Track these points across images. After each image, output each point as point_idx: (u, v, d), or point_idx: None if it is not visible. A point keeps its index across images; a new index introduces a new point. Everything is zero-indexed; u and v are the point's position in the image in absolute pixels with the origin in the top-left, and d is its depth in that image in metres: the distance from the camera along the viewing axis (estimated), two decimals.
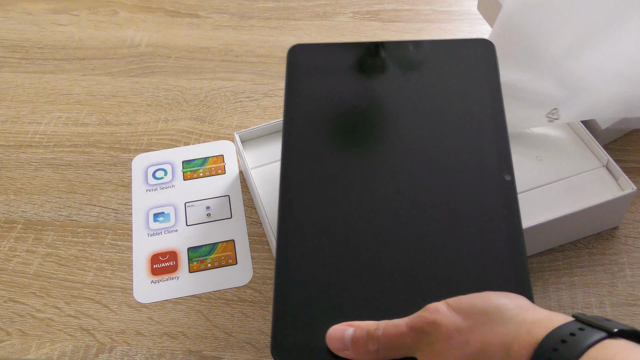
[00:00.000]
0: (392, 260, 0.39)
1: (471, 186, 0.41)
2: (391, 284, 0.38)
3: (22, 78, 0.70)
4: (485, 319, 0.33)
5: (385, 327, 0.35)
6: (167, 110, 0.66)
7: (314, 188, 0.42)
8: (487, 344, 0.32)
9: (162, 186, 0.60)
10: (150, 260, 0.55)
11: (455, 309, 0.34)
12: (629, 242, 0.53)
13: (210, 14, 0.77)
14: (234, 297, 0.52)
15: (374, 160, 0.44)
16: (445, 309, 0.34)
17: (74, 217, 0.58)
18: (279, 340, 0.37)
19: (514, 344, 0.31)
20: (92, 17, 0.77)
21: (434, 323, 0.33)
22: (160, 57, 0.72)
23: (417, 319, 0.34)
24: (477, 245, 0.39)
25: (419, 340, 0.34)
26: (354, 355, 0.35)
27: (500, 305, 0.33)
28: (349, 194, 0.42)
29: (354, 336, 0.35)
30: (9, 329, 0.51)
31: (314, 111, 0.46)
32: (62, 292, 0.53)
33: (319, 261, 0.39)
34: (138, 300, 0.52)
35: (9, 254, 0.55)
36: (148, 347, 0.49)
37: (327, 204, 0.42)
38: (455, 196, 0.41)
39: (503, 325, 0.32)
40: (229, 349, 0.49)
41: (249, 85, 0.68)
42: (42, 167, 0.62)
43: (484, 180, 0.41)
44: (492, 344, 0.32)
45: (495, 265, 0.38)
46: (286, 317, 0.37)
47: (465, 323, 0.33)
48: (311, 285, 0.38)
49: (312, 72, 0.48)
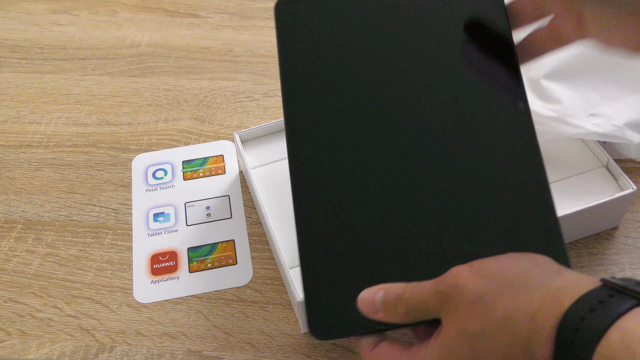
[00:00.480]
0: (415, 218, 0.38)
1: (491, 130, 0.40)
2: (416, 242, 0.37)
3: (22, 78, 0.70)
4: (509, 284, 0.32)
5: (412, 289, 0.35)
6: (167, 110, 0.66)
7: (326, 148, 0.41)
8: (512, 311, 0.31)
9: (162, 186, 0.60)
10: (150, 260, 0.55)
11: (478, 272, 0.33)
12: (629, 242, 0.53)
13: (210, 14, 0.77)
14: (234, 297, 0.52)
15: (385, 110, 0.41)
16: (468, 273, 0.33)
17: (74, 217, 0.58)
18: (316, 319, 0.36)
19: (539, 312, 0.30)
20: (92, 17, 0.77)
21: (456, 287, 0.33)
22: (160, 57, 0.72)
23: (441, 283, 0.33)
24: (504, 198, 0.38)
25: (443, 304, 0.33)
26: (385, 317, 0.35)
27: (525, 270, 0.33)
28: (363, 151, 0.40)
29: (384, 299, 0.35)
30: (9, 329, 0.51)
31: (314, 64, 0.44)
32: (62, 292, 0.53)
33: (340, 227, 0.38)
34: (138, 300, 0.52)
35: (9, 254, 0.55)
36: (148, 347, 0.49)
37: (341, 163, 0.40)
38: (475, 143, 0.40)
39: (528, 291, 0.31)
40: (229, 349, 0.49)
41: (249, 85, 0.68)
42: (42, 167, 0.62)
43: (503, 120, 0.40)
44: (516, 311, 0.31)
45: (524, 215, 0.37)
46: (318, 293, 0.37)
47: (489, 288, 0.32)
48: (337, 255, 0.38)
49: (306, 25, 0.45)
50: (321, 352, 0.48)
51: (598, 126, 0.52)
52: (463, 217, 0.38)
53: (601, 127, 0.52)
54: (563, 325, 0.29)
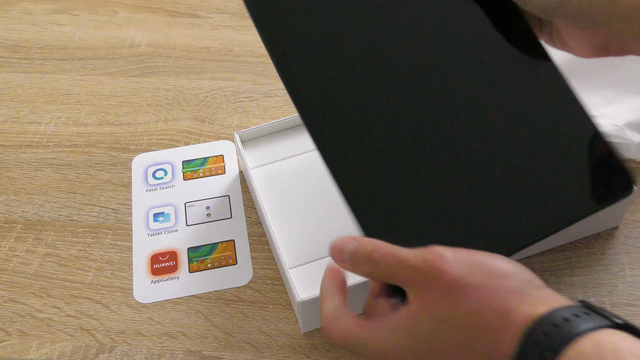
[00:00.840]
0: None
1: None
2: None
3: (22, 78, 0.70)
4: (489, 281, 0.32)
5: (385, 253, 0.34)
6: (167, 110, 0.66)
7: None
8: (485, 306, 0.31)
9: (162, 186, 0.60)
10: (150, 260, 0.55)
11: (463, 261, 0.33)
12: (629, 242, 0.53)
13: (210, 14, 0.77)
14: (234, 297, 0.52)
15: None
16: (452, 259, 0.33)
17: (74, 217, 0.58)
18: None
19: (512, 312, 0.31)
20: (92, 17, 0.77)
21: (437, 269, 0.32)
22: (160, 57, 0.72)
23: (421, 260, 0.33)
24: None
25: (415, 280, 0.33)
26: (349, 268, 0.36)
27: (508, 274, 0.33)
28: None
29: (353, 251, 0.35)
30: (9, 329, 0.51)
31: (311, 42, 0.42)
32: (62, 292, 0.53)
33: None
34: (138, 300, 0.52)
35: (9, 254, 0.55)
36: (148, 347, 0.49)
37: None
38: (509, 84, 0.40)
39: (505, 292, 0.32)
40: (229, 349, 0.49)
41: (249, 85, 0.68)
42: (42, 167, 0.62)
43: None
44: (489, 307, 0.31)
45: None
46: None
47: (469, 279, 0.32)
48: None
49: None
50: (321, 352, 0.48)
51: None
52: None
53: (601, 127, 0.52)
54: (534, 329, 0.30)
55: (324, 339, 0.49)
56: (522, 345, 0.30)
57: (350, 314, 0.36)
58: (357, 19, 0.41)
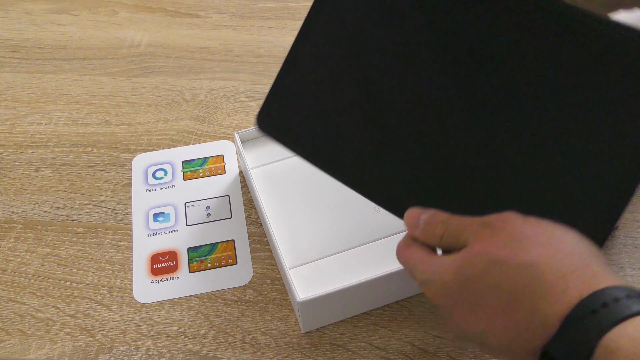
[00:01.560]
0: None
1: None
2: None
3: (22, 78, 0.70)
4: (553, 243, 0.33)
5: (458, 217, 0.37)
6: (167, 110, 0.66)
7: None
8: (543, 262, 0.32)
9: (162, 186, 0.60)
10: (150, 260, 0.55)
11: (531, 222, 0.34)
12: (629, 242, 0.53)
13: (210, 14, 0.77)
14: (234, 297, 0.52)
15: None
16: (521, 219, 0.34)
17: (74, 217, 0.58)
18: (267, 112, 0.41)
19: (572, 275, 0.31)
20: (92, 17, 0.77)
21: (503, 220, 0.34)
22: (160, 57, 0.72)
23: (491, 216, 0.35)
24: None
25: (480, 231, 0.35)
26: (422, 235, 0.38)
27: (579, 242, 0.33)
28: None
29: (428, 219, 0.38)
30: (9, 329, 0.51)
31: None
32: (62, 292, 0.53)
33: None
34: (138, 300, 0.52)
35: (9, 254, 0.55)
36: (148, 347, 0.49)
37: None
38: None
39: (569, 256, 0.32)
40: (229, 349, 0.49)
41: (249, 85, 0.68)
42: (42, 167, 0.62)
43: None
44: (548, 265, 0.32)
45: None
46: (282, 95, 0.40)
47: (532, 236, 0.33)
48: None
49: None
50: (321, 352, 0.48)
51: None
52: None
53: None
54: (594, 295, 0.30)
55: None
56: (572, 315, 0.30)
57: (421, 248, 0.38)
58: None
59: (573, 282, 0.31)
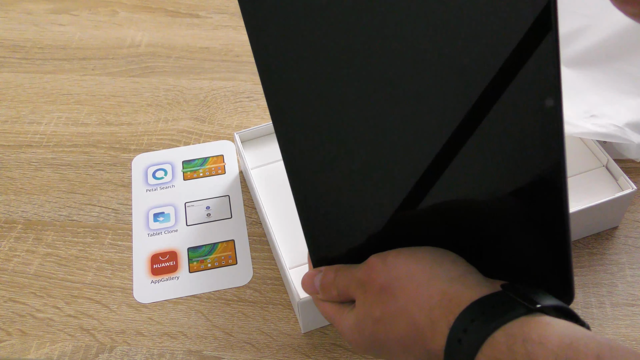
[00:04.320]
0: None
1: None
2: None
3: (22, 78, 0.70)
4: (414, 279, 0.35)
5: (342, 274, 0.40)
6: (167, 110, 0.66)
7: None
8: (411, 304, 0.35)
9: (162, 186, 0.60)
10: (150, 260, 0.55)
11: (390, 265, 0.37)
12: (629, 242, 0.53)
13: (210, 14, 0.77)
14: (234, 297, 0.52)
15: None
16: (381, 265, 0.37)
17: (74, 217, 0.58)
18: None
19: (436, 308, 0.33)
20: (92, 17, 0.77)
21: (369, 276, 0.37)
22: (160, 57, 0.72)
23: (360, 271, 0.38)
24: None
25: (359, 289, 0.38)
26: (323, 297, 0.41)
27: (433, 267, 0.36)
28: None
29: (321, 284, 0.41)
30: (9, 329, 0.51)
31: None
32: (62, 292, 0.53)
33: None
34: (138, 300, 0.52)
35: (9, 254, 0.55)
36: (148, 347, 0.49)
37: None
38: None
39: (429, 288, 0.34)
40: (229, 349, 0.49)
41: (249, 85, 0.68)
42: (42, 167, 0.62)
43: None
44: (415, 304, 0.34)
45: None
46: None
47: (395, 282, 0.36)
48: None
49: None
50: (321, 352, 0.48)
51: (598, 126, 0.52)
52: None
53: (601, 127, 0.52)
54: (455, 325, 0.32)
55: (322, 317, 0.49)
56: (448, 345, 0.32)
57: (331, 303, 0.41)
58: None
59: (439, 314, 0.33)
